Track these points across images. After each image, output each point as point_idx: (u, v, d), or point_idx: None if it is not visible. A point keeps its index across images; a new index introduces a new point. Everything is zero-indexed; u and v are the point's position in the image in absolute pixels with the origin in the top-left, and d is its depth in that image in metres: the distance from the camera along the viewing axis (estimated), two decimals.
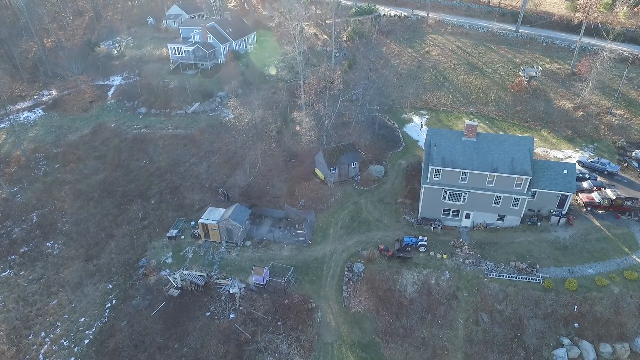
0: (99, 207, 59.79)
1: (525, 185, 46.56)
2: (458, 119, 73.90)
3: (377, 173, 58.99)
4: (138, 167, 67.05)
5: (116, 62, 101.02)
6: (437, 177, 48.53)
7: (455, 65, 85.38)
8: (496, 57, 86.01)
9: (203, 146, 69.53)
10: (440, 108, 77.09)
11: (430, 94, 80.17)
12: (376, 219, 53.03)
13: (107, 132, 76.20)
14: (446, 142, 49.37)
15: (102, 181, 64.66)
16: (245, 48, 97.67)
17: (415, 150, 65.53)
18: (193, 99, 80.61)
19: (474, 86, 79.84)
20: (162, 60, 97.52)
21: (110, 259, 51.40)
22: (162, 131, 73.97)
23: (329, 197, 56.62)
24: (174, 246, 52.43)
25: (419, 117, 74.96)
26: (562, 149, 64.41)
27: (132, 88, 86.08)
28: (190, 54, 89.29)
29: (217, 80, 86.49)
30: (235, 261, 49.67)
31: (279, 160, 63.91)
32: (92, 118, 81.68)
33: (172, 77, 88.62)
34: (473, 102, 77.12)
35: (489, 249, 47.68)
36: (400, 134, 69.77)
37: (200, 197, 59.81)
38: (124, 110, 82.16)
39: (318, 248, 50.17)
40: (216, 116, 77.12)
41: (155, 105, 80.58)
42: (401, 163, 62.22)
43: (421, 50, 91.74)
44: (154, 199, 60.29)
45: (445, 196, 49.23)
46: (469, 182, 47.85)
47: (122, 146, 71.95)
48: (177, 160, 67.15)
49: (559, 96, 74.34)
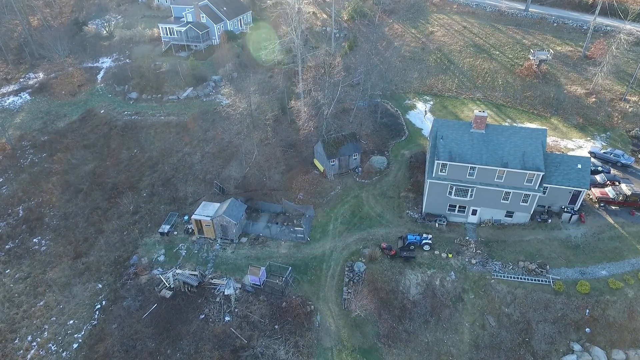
0: (88, 200, 57.19)
1: (537, 182, 43.92)
2: (464, 105, 70.56)
3: (379, 164, 56.20)
4: (129, 156, 64.10)
5: (105, 42, 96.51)
6: (443, 171, 45.81)
7: (461, 47, 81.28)
8: (504, 39, 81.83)
9: (196, 134, 66.38)
10: (445, 93, 73.56)
11: (435, 78, 76.45)
12: (378, 214, 50.59)
13: (96, 119, 72.85)
14: (453, 134, 46.43)
15: (91, 172, 61.85)
16: (240, 28, 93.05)
17: (419, 140, 62.51)
18: (186, 83, 76.85)
19: (481, 70, 76.06)
20: (153, 41, 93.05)
21: (99, 256, 49.16)
22: (154, 118, 70.64)
23: (328, 191, 54.01)
24: (166, 243, 50.14)
25: (422, 103, 71.55)
26: (572, 138, 61.45)
27: (123, 71, 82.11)
28: (183, 34, 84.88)
29: (211, 63, 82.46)
30: (231, 259, 47.48)
31: (276, 150, 60.95)
32: (80, 103, 78.14)
33: (164, 60, 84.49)
34: (479, 87, 73.55)
35: (496, 247, 45.45)
36: (403, 121, 66.56)
37: (194, 190, 57.17)
38: (114, 95, 78.53)
39: (317, 245, 47.91)
40: (210, 102, 73.60)
41: (147, 90, 76.88)
42: (404, 153, 59.34)
43: (425, 31, 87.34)
44: (146, 192, 57.64)
45: (451, 192, 46.66)
46: (477, 177, 45.17)
47: (112, 134, 68.78)
48: (170, 150, 64.15)
49: (570, 81, 70.79)
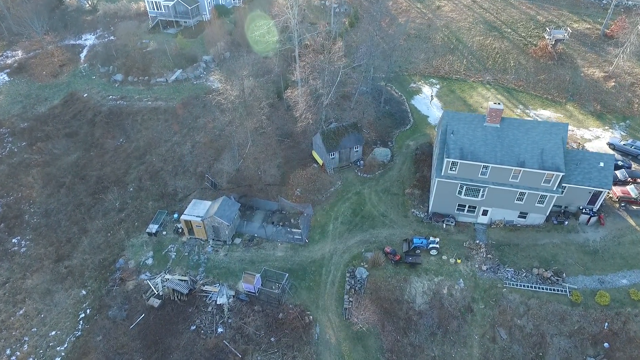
0: (70, 195, 53.46)
1: (555, 182, 40.29)
2: (473, 89, 65.90)
3: (382, 157, 52.30)
4: (114, 146, 59.89)
5: (88, 17, 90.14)
6: (453, 169, 42.05)
7: (470, 24, 75.65)
8: (517, 15, 76.11)
9: (186, 122, 61.95)
10: (453, 76, 68.67)
11: (442, 59, 71.29)
12: (381, 213, 47.17)
13: (79, 104, 68.04)
14: (465, 129, 42.37)
15: (74, 163, 57.81)
16: (233, 2, 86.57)
17: (425, 129, 58.33)
18: (174, 64, 71.53)
19: (491, 50, 70.86)
20: (139, 16, 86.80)
21: (83, 259, 45.94)
22: (141, 103, 65.90)
23: (328, 186, 50.36)
24: (154, 244, 46.87)
25: (428, 87, 66.79)
26: (589, 127, 57.35)
27: (107, 50, 76.46)
28: (171, 9, 78.75)
29: (201, 41, 76.77)
30: (224, 262, 44.36)
31: (272, 140, 56.81)
32: (62, 86, 73.02)
33: (151, 37, 78.73)
34: (490, 69, 68.62)
35: (508, 251, 42.35)
36: (408, 108, 62.08)
37: (184, 184, 53.41)
38: (98, 77, 73.30)
39: (316, 248, 44.73)
40: (201, 85, 68.65)
41: (133, 72, 71.63)
42: (409, 144, 55.31)
43: (432, 6, 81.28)
44: (132, 186, 53.88)
45: (461, 191, 43.07)
46: (490, 176, 41.47)
47: (96, 121, 64.23)
48: (158, 139, 59.90)
49: (587, 63, 65.92)
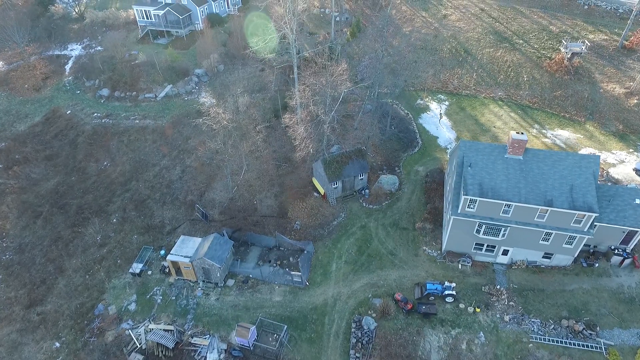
0: (48, 227, 48.75)
1: (587, 223, 35.89)
2: (484, 106, 61.53)
3: (389, 186, 47.82)
4: (97, 170, 55.21)
5: (75, 26, 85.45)
6: (471, 207, 37.60)
7: (479, 34, 71.28)
8: (528, 24, 71.76)
9: (176, 143, 57.34)
10: (462, 91, 64.32)
11: (450, 73, 66.94)
12: (390, 251, 42.69)
13: (61, 122, 63.31)
14: (484, 161, 37.95)
15: (53, 190, 53.11)
16: (227, 10, 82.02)
17: (435, 151, 53.87)
18: (164, 78, 66.91)
19: (503, 63, 66.52)
20: (128, 25, 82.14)
21: (58, 305, 41.24)
22: (127, 122, 61.20)
23: (330, 219, 45.84)
24: (138, 286, 42.23)
25: (437, 103, 62.40)
26: (612, 149, 53.07)
27: (93, 63, 71.77)
28: (161, 18, 74.11)
29: (193, 53, 72.20)
30: (215, 308, 39.76)
31: (268, 164, 52.24)
32: (45, 101, 68.33)
33: (140, 48, 74.12)
34: (501, 83, 64.28)
35: (533, 298, 37.91)
36: (415, 127, 57.63)
37: (173, 215, 48.79)
38: (82, 92, 68.62)
39: (318, 292, 40.20)
40: (192, 101, 64.03)
41: (120, 87, 67.00)
42: (418, 170, 50.84)
43: (438, 14, 76.89)
44: (116, 217, 49.22)
45: (479, 230, 38.65)
46: (513, 215, 37.05)
47: (78, 141, 59.53)
48: (145, 163, 55.26)
49: (606, 77, 61.64)
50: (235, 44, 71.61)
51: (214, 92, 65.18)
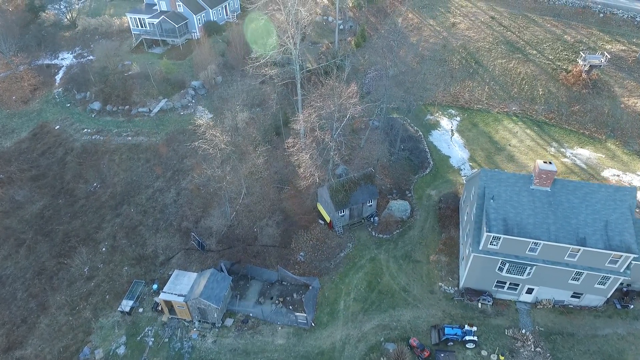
0: (31, 256, 45.17)
1: (624, 264, 32.50)
2: (498, 122, 58.12)
3: (400, 213, 44.34)
4: (86, 193, 51.62)
5: (67, 33, 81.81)
6: (494, 244, 34.16)
7: (490, 44, 67.87)
8: (541, 34, 68.36)
9: (171, 163, 53.76)
10: (474, 105, 60.92)
11: (461, 85, 63.54)
12: (402, 287, 39.20)
13: (49, 138, 59.69)
14: (508, 193, 34.51)
15: (38, 214, 49.51)
16: (226, 17, 78.47)
17: (448, 173, 50.42)
18: (159, 91, 63.30)
19: (516, 75, 63.13)
20: (122, 33, 78.52)
21: (40, 348, 37.66)
22: (119, 139, 57.59)
23: (337, 250, 42.34)
24: (128, 325, 38.67)
25: (447, 119, 58.98)
26: (637, 170, 49.72)
27: (84, 73, 68.13)
28: (156, 27, 70.49)
29: (189, 63, 68.61)
30: (212, 352, 36.22)
31: (269, 187, 48.75)
32: (33, 114, 64.70)
33: (133, 58, 70.44)
34: (515, 97, 60.89)
35: (562, 344, 34.47)
36: (426, 146, 54.19)
37: (166, 243, 45.23)
38: (72, 105, 64.99)
39: (324, 334, 36.68)
40: (189, 117, 60.42)
41: (112, 100, 63.37)
42: (431, 195, 47.39)
43: (446, 23, 73.44)
44: (105, 245, 45.66)
45: (502, 268, 35.22)
46: (541, 253, 33.62)
47: (67, 160, 55.91)
48: (137, 184, 51.70)
49: (626, 91, 58.27)
50: (234, 54, 68.04)
51: (212, 106, 61.75)
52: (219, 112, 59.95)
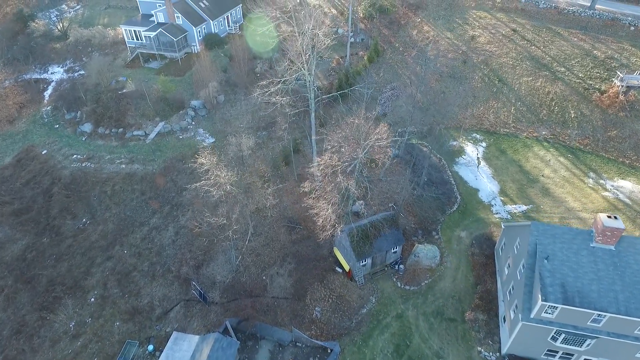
0: (10, 309, 39.80)
1: None
2: (527, 148, 53.13)
3: (428, 260, 39.24)
4: (74, 230, 46.30)
5: (57, 44, 76.49)
6: (549, 312, 29.13)
7: (514, 60, 62.94)
8: (568, 49, 63.46)
9: (169, 195, 48.54)
10: (500, 129, 55.93)
11: (484, 106, 58.56)
12: (435, 352, 34.13)
13: (35, 165, 54.35)
14: (564, 252, 29.49)
15: (20, 257, 44.15)
16: (228, 29, 73.31)
17: (477, 210, 45.33)
18: (156, 112, 58.09)
19: (544, 95, 58.20)
20: (117, 45, 73.27)
21: None
22: (112, 167, 52.32)
23: (358, 305, 37.22)
24: None
25: (472, 145, 53.98)
26: None
27: (74, 91, 62.84)
28: (153, 40, 65.27)
29: (189, 80, 63.39)
30: None
31: (279, 226, 43.63)
32: (18, 137, 59.35)
33: (128, 74, 65.19)
34: (545, 120, 55.94)
35: None
36: (451, 176, 49.15)
37: (164, 293, 40.01)
38: (62, 126, 59.70)
39: None
40: (189, 141, 55.28)
41: (104, 121, 58.08)
42: (461, 237, 42.31)
43: (465, 36, 68.43)
44: (94, 295, 40.39)
45: (557, 338, 30.19)
46: (606, 325, 28.60)
47: (54, 191, 50.54)
48: (131, 221, 46.46)
49: None
50: (238, 70, 62.94)
51: (213, 129, 56.62)
52: (221, 137, 55.00)
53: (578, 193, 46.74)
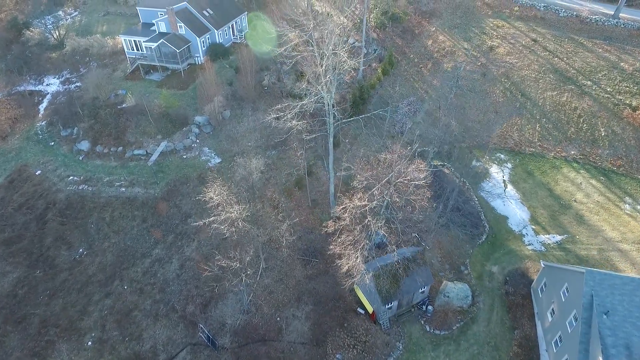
0: None
1: None
2: (556, 169, 49.68)
3: (459, 300, 35.73)
4: (70, 262, 42.66)
5: (53, 54, 72.83)
6: None
7: (537, 73, 59.54)
8: (594, 60, 60.05)
9: (172, 223, 44.91)
10: (526, 148, 52.46)
11: (508, 123, 55.07)
12: None
13: (28, 187, 50.70)
14: (626, 306, 26.00)
15: (10, 293, 40.52)
16: (232, 38, 69.73)
17: (508, 240, 41.82)
18: (158, 129, 54.47)
19: (571, 111, 54.80)
20: (116, 55, 69.63)
21: None
22: (111, 190, 48.67)
23: (383, 353, 33.66)
24: None
25: (497, 166, 50.52)
26: None
27: (71, 105, 59.18)
28: (154, 51, 61.62)
29: (192, 94, 59.75)
30: None
31: (293, 260, 40.08)
32: (10, 155, 55.71)
33: (128, 87, 61.51)
34: (573, 138, 52.51)
35: None
36: (477, 202, 45.67)
37: (168, 336, 36.43)
38: (57, 144, 56.02)
39: None
40: (193, 161, 51.69)
41: (103, 139, 54.45)
42: (493, 272, 38.78)
43: (483, 47, 64.98)
44: (92, 338, 36.78)
45: None
46: None
47: (48, 217, 46.90)
48: (132, 252, 42.84)
49: None
50: (244, 83, 59.26)
51: (219, 148, 53.04)
52: (228, 156, 51.49)
53: (615, 221, 43.31)
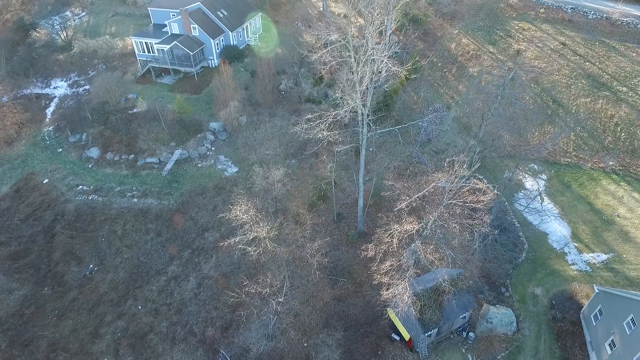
0: None
1: None
2: (594, 181, 46.76)
3: (503, 327, 32.88)
4: (80, 279, 40.00)
5: (61, 56, 70.29)
6: None
7: (568, 78, 56.68)
8: (628, 65, 57.13)
9: (189, 237, 42.20)
10: (560, 159, 49.59)
11: (539, 132, 52.27)
12: None
13: (35, 196, 48.11)
14: None
15: (16, 312, 37.87)
16: (247, 40, 67.11)
17: (550, 259, 38.89)
18: (171, 136, 51.83)
19: (607, 119, 51.91)
20: (126, 57, 67.07)
21: None
22: (122, 201, 46.02)
23: None
24: None
25: (531, 177, 47.65)
26: None
27: (79, 110, 56.66)
28: (166, 54, 59.08)
29: (207, 98, 57.15)
30: None
31: (320, 279, 37.28)
32: (17, 161, 53.22)
33: (139, 90, 58.97)
34: (611, 149, 49.60)
35: None
36: (514, 218, 42.81)
37: None
38: (65, 150, 53.46)
39: None
40: (209, 170, 49.01)
41: (113, 146, 51.86)
42: (537, 295, 35.89)
43: (509, 50, 62.14)
44: None
45: None
46: None
47: (56, 229, 44.25)
48: (146, 268, 40.15)
49: None
50: (261, 87, 56.53)
51: (236, 156, 50.38)
52: (245, 165, 48.83)
53: None
